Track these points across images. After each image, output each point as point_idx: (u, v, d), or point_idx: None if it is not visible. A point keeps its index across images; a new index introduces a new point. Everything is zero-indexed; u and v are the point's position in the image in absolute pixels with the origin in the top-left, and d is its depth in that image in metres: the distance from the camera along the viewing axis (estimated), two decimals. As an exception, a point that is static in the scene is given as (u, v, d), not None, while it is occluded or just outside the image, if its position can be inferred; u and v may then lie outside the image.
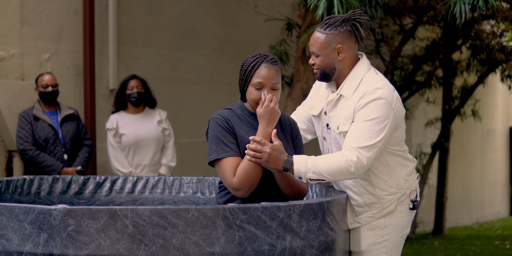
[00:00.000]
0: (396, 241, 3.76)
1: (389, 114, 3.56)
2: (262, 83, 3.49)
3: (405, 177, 3.74)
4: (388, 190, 3.70)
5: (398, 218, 3.74)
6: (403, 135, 3.76)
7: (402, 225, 3.75)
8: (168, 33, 8.11)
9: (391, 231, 3.73)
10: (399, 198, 3.72)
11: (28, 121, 6.20)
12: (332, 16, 3.70)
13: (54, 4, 7.07)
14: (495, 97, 14.83)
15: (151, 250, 3.01)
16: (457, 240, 10.57)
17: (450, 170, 12.03)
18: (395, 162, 3.72)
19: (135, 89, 6.57)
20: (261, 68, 3.51)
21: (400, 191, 3.72)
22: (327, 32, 3.65)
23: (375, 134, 3.53)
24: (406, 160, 3.78)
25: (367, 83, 3.64)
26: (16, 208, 3.12)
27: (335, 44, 3.65)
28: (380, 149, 3.56)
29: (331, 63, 3.69)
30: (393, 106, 3.59)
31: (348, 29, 3.66)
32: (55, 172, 6.08)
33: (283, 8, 9.02)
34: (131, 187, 4.84)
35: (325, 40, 3.65)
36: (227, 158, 3.42)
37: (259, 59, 3.55)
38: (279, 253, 3.16)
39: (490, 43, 9.53)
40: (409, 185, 3.76)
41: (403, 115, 3.71)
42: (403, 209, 3.75)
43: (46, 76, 6.33)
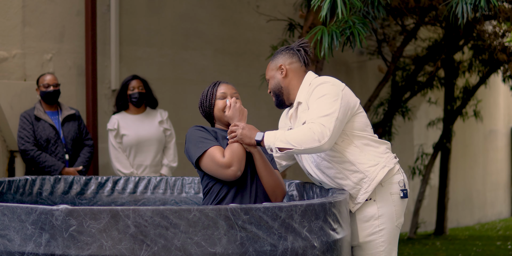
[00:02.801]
0: (392, 230, 3.88)
1: (338, 93, 3.80)
2: (225, 92, 3.92)
3: (378, 154, 3.91)
4: (368, 163, 3.86)
5: (390, 207, 3.86)
6: (366, 121, 3.95)
7: (395, 214, 3.88)
8: (170, 34, 8.11)
9: (385, 221, 3.85)
10: (382, 169, 3.86)
11: (30, 122, 6.20)
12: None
13: (56, 5, 7.08)
14: (497, 97, 14.82)
15: (152, 251, 3.01)
16: (459, 241, 10.57)
17: (452, 170, 12.03)
18: (364, 144, 3.89)
19: (136, 89, 6.57)
20: (220, 85, 3.96)
21: (379, 163, 3.87)
22: (273, 58, 4.04)
23: (330, 105, 3.73)
24: (376, 142, 3.94)
25: (315, 80, 3.93)
26: (18, 208, 3.13)
27: (278, 64, 4.00)
28: (341, 122, 3.73)
29: (277, 82, 4.00)
30: (341, 89, 3.85)
31: (291, 52, 4.03)
32: (56, 172, 6.08)
33: (285, 9, 9.02)
34: (133, 188, 4.84)
35: (271, 65, 4.03)
36: (212, 147, 3.72)
37: (216, 82, 4.03)
38: (280, 253, 3.17)
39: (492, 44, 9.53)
40: (387, 160, 3.91)
41: (356, 102, 3.93)
42: (394, 198, 3.88)
43: (48, 76, 6.33)
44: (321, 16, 4.95)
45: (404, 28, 9.33)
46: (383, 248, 3.86)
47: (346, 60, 10.45)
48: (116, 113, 6.66)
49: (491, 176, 14.88)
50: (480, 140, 14.27)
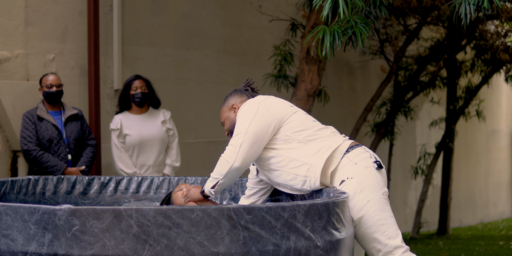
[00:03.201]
0: (379, 199, 3.92)
1: (254, 108, 3.97)
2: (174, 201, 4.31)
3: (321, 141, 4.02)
4: (310, 152, 3.97)
5: (370, 179, 3.94)
6: (303, 117, 4.07)
7: (377, 184, 3.95)
8: (173, 34, 8.11)
9: (369, 192, 3.90)
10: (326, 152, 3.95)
11: (32, 122, 6.20)
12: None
13: (59, 5, 7.08)
14: (499, 97, 14.83)
15: (155, 250, 3.01)
16: (461, 240, 10.57)
17: (455, 170, 12.03)
18: (305, 139, 4.00)
19: (139, 89, 6.57)
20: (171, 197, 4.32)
21: (323, 147, 3.97)
22: (224, 102, 4.24)
23: (240, 126, 3.93)
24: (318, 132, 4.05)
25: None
26: (21, 208, 3.13)
27: (229, 105, 4.20)
28: (255, 136, 3.90)
29: (233, 121, 4.17)
30: (259, 102, 4.00)
31: (239, 93, 4.23)
32: (59, 172, 6.08)
33: (287, 9, 9.02)
34: (135, 188, 4.84)
35: (223, 108, 4.22)
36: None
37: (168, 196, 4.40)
38: (283, 253, 3.17)
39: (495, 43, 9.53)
40: (331, 141, 4.01)
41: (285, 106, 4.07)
42: (371, 170, 3.96)
43: (51, 76, 6.33)
44: (323, 16, 4.95)
45: (407, 28, 9.33)
46: (378, 217, 3.89)
47: (349, 60, 10.45)
48: (119, 113, 6.67)
49: (493, 176, 14.88)
50: (483, 140, 14.27)
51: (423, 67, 9.89)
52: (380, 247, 3.89)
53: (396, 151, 10.85)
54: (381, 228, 3.88)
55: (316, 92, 7.30)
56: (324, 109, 9.11)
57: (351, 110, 10.49)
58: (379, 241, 3.88)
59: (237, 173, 3.93)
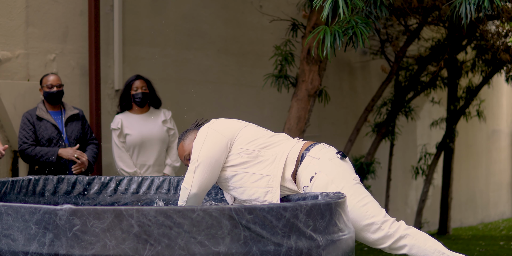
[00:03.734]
0: (352, 185, 4.01)
1: (203, 133, 4.08)
2: None
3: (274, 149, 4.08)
4: (266, 163, 4.05)
5: (337, 169, 4.02)
6: (253, 129, 4.17)
7: (345, 172, 4.04)
8: (173, 34, 8.11)
9: (340, 181, 3.98)
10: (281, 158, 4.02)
11: (31, 122, 6.19)
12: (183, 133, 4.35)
13: (60, 5, 7.09)
14: (500, 97, 14.82)
15: (156, 250, 3.01)
16: (462, 241, 10.57)
17: (455, 170, 12.03)
18: (258, 151, 4.07)
19: (139, 89, 6.58)
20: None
21: (278, 153, 4.05)
22: (183, 138, 4.27)
23: (195, 151, 4.03)
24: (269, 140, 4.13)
25: None
26: (21, 208, 3.13)
27: (192, 137, 4.21)
28: (208, 158, 3.99)
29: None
30: (207, 126, 4.13)
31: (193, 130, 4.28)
32: (54, 157, 6.05)
33: (288, 9, 9.02)
34: (136, 188, 4.84)
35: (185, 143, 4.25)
36: None
37: None
38: (285, 252, 3.17)
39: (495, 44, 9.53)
40: (285, 146, 4.08)
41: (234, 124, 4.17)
42: (336, 161, 4.04)
43: (51, 77, 6.33)
44: (323, 17, 4.95)
45: (407, 28, 9.33)
46: (356, 200, 3.96)
47: (349, 60, 10.45)
48: (119, 113, 6.67)
49: (494, 176, 14.88)
50: (483, 140, 14.27)
51: (424, 67, 9.89)
52: (368, 227, 3.96)
53: (397, 151, 10.85)
54: (362, 209, 3.96)
55: (316, 92, 7.30)
56: (325, 109, 9.11)
57: (351, 110, 10.49)
58: (365, 221, 3.96)
59: (197, 198, 4.05)
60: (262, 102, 8.79)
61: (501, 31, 9.53)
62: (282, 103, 8.29)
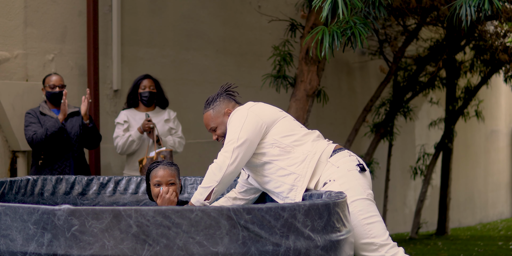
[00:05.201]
0: (364, 201, 4.00)
1: (243, 114, 4.08)
2: (160, 180, 4.26)
3: (306, 149, 4.09)
4: (297, 161, 4.06)
5: (353, 181, 4.01)
6: (290, 123, 4.17)
7: (361, 187, 4.02)
8: (172, 34, 8.12)
9: (353, 194, 3.97)
10: (312, 159, 4.05)
11: (35, 116, 6.21)
12: (208, 97, 4.39)
13: (58, 5, 7.09)
14: (498, 97, 14.83)
15: (155, 250, 3.01)
16: (460, 241, 10.57)
17: (454, 170, 12.04)
18: (290, 146, 4.09)
19: (147, 88, 6.59)
20: (157, 171, 4.28)
21: (309, 154, 4.06)
22: (212, 107, 4.30)
23: (232, 132, 4.05)
24: (302, 138, 4.13)
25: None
26: (20, 208, 3.13)
27: (223, 110, 4.27)
28: (246, 141, 4.01)
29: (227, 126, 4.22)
30: (247, 108, 4.12)
31: (225, 97, 4.32)
32: (58, 124, 6.02)
33: (287, 9, 9.03)
34: (134, 188, 4.84)
35: (214, 113, 4.28)
36: None
37: (157, 164, 4.32)
38: (283, 252, 3.17)
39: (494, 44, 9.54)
40: (318, 146, 4.09)
41: (272, 112, 4.17)
42: (354, 173, 4.03)
43: (54, 77, 6.33)
44: (322, 17, 4.95)
45: (406, 29, 9.33)
46: (363, 217, 3.96)
47: (348, 60, 10.46)
48: (125, 109, 6.67)
49: (492, 176, 14.89)
50: (482, 140, 14.28)
51: (422, 68, 9.90)
52: (366, 246, 3.97)
53: (395, 152, 10.86)
54: (366, 227, 3.96)
55: (315, 92, 7.30)
56: (323, 109, 9.11)
57: (350, 110, 10.50)
58: (365, 240, 3.96)
59: (232, 177, 4.04)
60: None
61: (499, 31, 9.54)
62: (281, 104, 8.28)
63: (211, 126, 4.28)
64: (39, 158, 6.17)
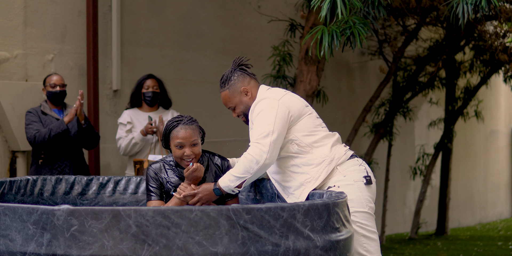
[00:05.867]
0: (364, 214, 4.02)
1: (274, 105, 4.02)
2: (182, 142, 4.09)
3: (327, 149, 4.08)
4: (313, 163, 4.05)
5: (357, 193, 4.02)
6: (314, 121, 4.16)
7: (364, 199, 4.03)
8: (172, 34, 8.12)
9: (355, 205, 3.98)
10: (329, 165, 4.05)
11: (36, 115, 6.21)
12: (222, 75, 4.28)
13: (58, 5, 7.09)
14: (498, 98, 14.83)
15: (154, 250, 3.01)
16: (460, 241, 10.58)
17: (453, 170, 12.04)
18: (311, 145, 4.09)
19: (150, 88, 6.59)
20: (178, 130, 4.10)
21: (326, 159, 4.05)
22: (227, 86, 4.23)
23: (266, 123, 3.98)
24: (323, 139, 4.13)
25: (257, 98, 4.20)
26: (19, 208, 3.13)
27: (239, 89, 4.21)
28: (279, 134, 3.97)
29: (246, 104, 4.22)
30: (277, 99, 4.06)
31: (240, 74, 4.26)
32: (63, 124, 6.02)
33: (286, 9, 9.03)
34: (134, 188, 4.84)
35: (230, 92, 4.22)
36: (152, 201, 4.21)
37: (177, 122, 4.13)
38: (282, 252, 3.17)
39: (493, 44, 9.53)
40: (336, 152, 4.09)
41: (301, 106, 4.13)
42: (359, 185, 4.04)
43: (55, 76, 6.34)
44: (321, 17, 4.95)
45: (405, 29, 9.33)
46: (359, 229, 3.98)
47: (348, 60, 10.46)
48: (128, 108, 6.66)
49: (492, 177, 14.89)
50: (481, 140, 14.28)
51: (422, 68, 9.90)
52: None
53: (395, 152, 10.86)
54: (361, 238, 3.99)
55: (315, 92, 7.30)
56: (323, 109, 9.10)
57: (349, 110, 10.50)
58: (358, 253, 3.97)
59: (265, 169, 4.00)
60: (260, 103, 8.80)
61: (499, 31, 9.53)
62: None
63: (229, 106, 4.24)
64: (39, 158, 6.17)
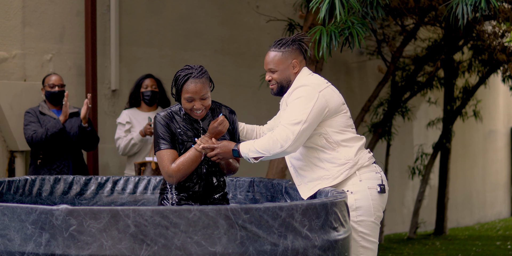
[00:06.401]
0: (370, 223, 4.02)
1: (314, 96, 3.99)
2: (192, 97, 4.04)
3: (353, 152, 4.06)
4: (336, 162, 4.04)
5: (368, 201, 4.02)
6: (346, 121, 4.15)
7: (373, 208, 4.02)
8: (170, 34, 8.12)
9: (363, 213, 3.99)
10: (350, 169, 4.03)
11: (35, 116, 6.20)
12: (282, 38, 4.21)
13: (56, 5, 7.09)
14: (496, 97, 14.83)
15: (153, 250, 3.01)
16: (458, 241, 10.58)
17: (452, 170, 12.04)
18: (338, 143, 4.07)
19: (149, 88, 6.59)
20: (189, 84, 4.05)
21: (350, 161, 4.03)
22: (282, 50, 4.15)
23: (301, 111, 3.95)
24: (351, 141, 4.10)
25: (299, 81, 4.14)
26: (18, 208, 3.13)
27: (290, 60, 4.15)
28: (310, 125, 3.95)
29: (288, 76, 4.17)
30: (319, 90, 4.02)
31: (297, 47, 4.18)
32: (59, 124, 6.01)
33: (285, 9, 9.02)
34: (132, 188, 4.84)
35: (282, 57, 4.15)
36: (165, 149, 4.07)
37: (187, 76, 4.08)
38: (281, 252, 3.17)
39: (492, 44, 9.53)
40: (360, 157, 4.07)
41: (339, 102, 4.12)
42: (372, 192, 4.04)
43: (53, 76, 6.33)
44: (320, 18, 4.96)
45: (404, 28, 9.33)
46: (360, 239, 3.99)
47: (346, 60, 10.46)
48: (127, 108, 6.66)
49: (490, 176, 14.88)
50: (480, 140, 14.28)
51: (420, 68, 9.90)
52: None
53: (393, 152, 10.85)
54: (360, 249, 4.00)
55: (313, 92, 7.29)
56: (322, 109, 9.09)
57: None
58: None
59: (285, 155, 4.01)
60: (259, 102, 8.80)
61: (497, 31, 9.53)
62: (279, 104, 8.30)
63: (272, 68, 4.17)
64: (38, 158, 6.16)
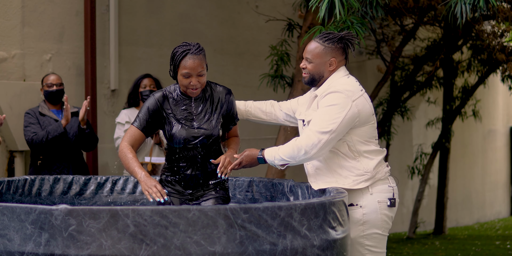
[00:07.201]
0: (377, 236, 4.01)
1: (347, 105, 3.92)
2: (189, 73, 4.06)
3: (372, 165, 4.01)
4: (355, 172, 4.00)
5: (376, 215, 4.00)
6: (372, 131, 4.09)
7: (381, 221, 4.02)
8: (169, 34, 8.12)
9: (370, 227, 3.98)
10: (366, 181, 3.99)
11: (35, 117, 6.20)
12: (331, 32, 4.15)
13: (56, 5, 7.09)
14: (495, 97, 14.84)
15: (152, 250, 3.02)
16: (458, 240, 10.58)
17: (451, 170, 12.04)
18: (360, 154, 4.01)
19: (147, 87, 6.59)
20: (186, 60, 4.05)
21: (368, 174, 3.99)
22: (326, 44, 4.09)
23: (332, 120, 3.89)
24: (372, 154, 4.05)
25: (336, 84, 4.07)
26: (17, 208, 3.13)
27: (329, 57, 4.11)
28: (338, 134, 3.90)
29: (321, 71, 4.12)
30: (353, 99, 3.95)
31: (342, 46, 4.16)
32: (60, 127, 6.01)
33: (284, 9, 9.02)
34: (132, 188, 4.84)
35: (323, 51, 4.10)
36: (134, 128, 4.12)
37: (185, 52, 4.07)
38: (280, 252, 3.17)
39: (491, 44, 9.53)
40: (378, 171, 4.04)
41: (370, 113, 4.05)
42: (382, 206, 4.03)
43: (52, 76, 6.34)
44: (319, 18, 4.96)
45: (403, 28, 9.33)
46: (367, 251, 3.99)
47: (345, 60, 10.45)
48: (126, 108, 6.66)
49: (490, 176, 14.89)
50: (479, 140, 14.28)
51: (420, 67, 9.90)
52: None
53: (393, 151, 10.86)
54: None
55: (312, 92, 7.29)
56: (321, 109, 9.09)
57: (347, 110, 10.48)
58: None
59: (309, 161, 3.99)
60: (258, 102, 8.79)
61: (496, 31, 9.53)
62: (278, 103, 8.30)
63: (308, 58, 4.10)
64: (38, 159, 6.17)
